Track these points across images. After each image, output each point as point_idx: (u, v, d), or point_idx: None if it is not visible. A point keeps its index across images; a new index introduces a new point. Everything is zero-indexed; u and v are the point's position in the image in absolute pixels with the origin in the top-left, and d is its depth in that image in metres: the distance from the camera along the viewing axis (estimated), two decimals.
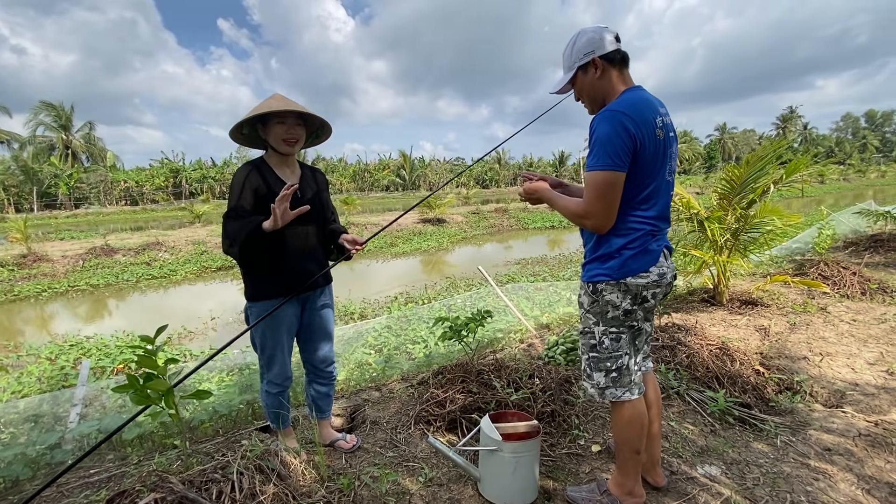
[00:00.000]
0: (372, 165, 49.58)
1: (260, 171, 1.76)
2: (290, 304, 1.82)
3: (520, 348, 3.33)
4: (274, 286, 1.77)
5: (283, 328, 1.83)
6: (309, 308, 1.92)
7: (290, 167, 1.87)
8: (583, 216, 1.42)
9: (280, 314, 1.80)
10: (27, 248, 10.77)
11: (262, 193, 1.73)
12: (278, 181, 1.78)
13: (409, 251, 12.83)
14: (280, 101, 1.74)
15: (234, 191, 1.71)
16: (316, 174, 1.98)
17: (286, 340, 1.86)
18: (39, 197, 32.17)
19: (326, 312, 1.98)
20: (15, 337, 6.15)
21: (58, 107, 37.17)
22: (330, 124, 1.90)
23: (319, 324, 1.95)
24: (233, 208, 1.70)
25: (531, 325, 3.75)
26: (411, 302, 6.83)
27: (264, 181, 1.75)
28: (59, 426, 2.29)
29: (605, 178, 1.35)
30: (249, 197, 1.71)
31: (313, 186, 1.92)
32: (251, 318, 1.82)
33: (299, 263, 1.81)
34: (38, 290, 8.76)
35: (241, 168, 1.76)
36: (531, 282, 7.54)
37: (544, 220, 18.43)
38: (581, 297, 1.55)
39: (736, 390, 2.58)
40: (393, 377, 2.95)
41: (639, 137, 1.34)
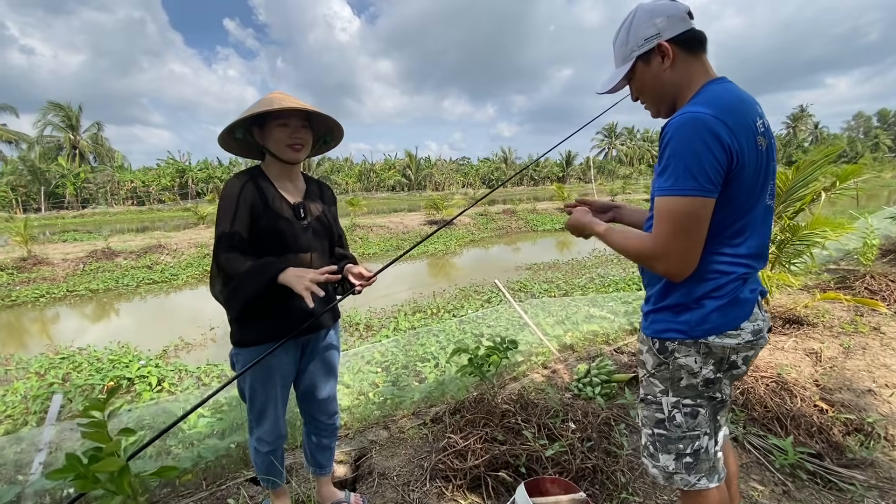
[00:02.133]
0: (378, 165, 49.34)
1: (256, 184, 1.43)
2: (285, 350, 1.49)
3: (542, 374, 2.99)
4: (267, 329, 1.43)
5: (277, 379, 1.50)
6: (310, 352, 1.59)
7: (293, 180, 1.53)
8: (652, 257, 1.04)
9: (273, 362, 1.48)
10: (27, 250, 10.57)
11: (258, 212, 1.40)
12: (278, 196, 1.46)
13: (416, 254, 12.50)
14: (282, 99, 1.40)
15: (226, 211, 1.37)
16: (323, 189, 1.65)
17: (280, 393, 1.53)
18: (47, 197, 32.21)
19: (331, 356, 1.65)
20: (7, 347, 5.90)
21: (66, 107, 37.28)
22: (341, 126, 1.55)
23: (322, 370, 1.62)
24: (226, 236, 1.36)
25: (554, 347, 3.40)
26: (419, 311, 6.50)
27: (261, 196, 1.42)
28: (21, 475, 1.98)
29: (688, 208, 0.98)
30: (245, 217, 1.38)
31: (319, 205, 1.58)
32: (237, 367, 1.50)
33: (299, 300, 1.48)
34: (36, 296, 8.53)
35: (232, 179, 1.41)
36: (545, 289, 7.19)
37: (553, 222, 18.03)
38: (643, 355, 1.19)
39: (801, 433, 2.23)
40: (403, 411, 2.62)
41: (735, 149, 0.97)
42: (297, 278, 1.29)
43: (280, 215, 1.44)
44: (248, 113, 1.37)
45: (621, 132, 68.20)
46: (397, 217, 19.27)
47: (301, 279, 1.28)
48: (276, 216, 1.43)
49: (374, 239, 14.72)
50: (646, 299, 1.21)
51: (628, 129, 69.05)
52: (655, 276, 1.15)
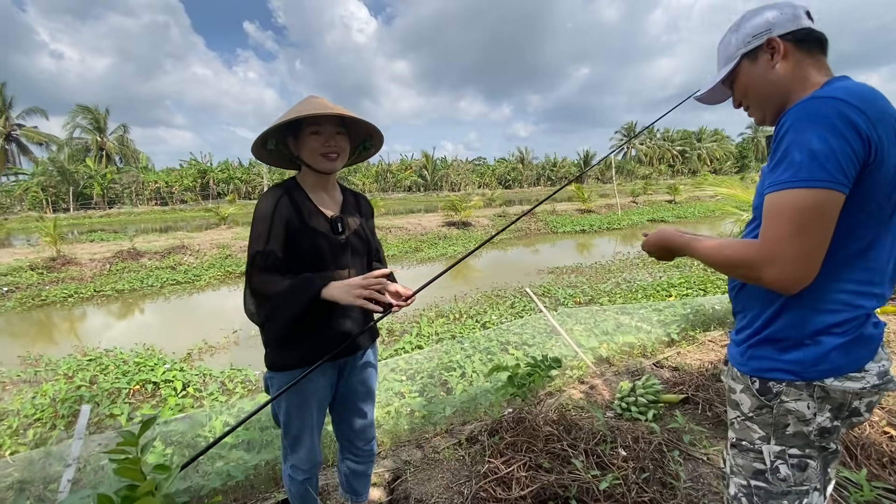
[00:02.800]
0: (394, 166, 49.47)
1: (291, 198, 1.33)
2: (322, 373, 1.39)
3: (580, 391, 2.84)
4: (303, 352, 1.34)
5: (313, 404, 1.41)
6: (347, 374, 1.49)
7: (330, 191, 1.44)
8: (760, 263, 0.84)
9: (309, 386, 1.38)
10: (56, 250, 10.82)
11: (294, 228, 1.30)
12: (315, 211, 1.36)
13: (435, 256, 12.41)
14: (315, 104, 1.29)
15: (261, 228, 1.28)
16: (360, 201, 1.55)
17: (316, 418, 1.43)
18: (75, 197, 33.20)
19: (369, 378, 1.55)
20: (37, 346, 5.99)
21: (93, 110, 38.39)
22: (380, 130, 1.43)
23: (359, 394, 1.52)
24: (260, 256, 1.27)
25: (589, 360, 3.25)
26: (441, 317, 6.39)
27: (297, 211, 1.32)
28: (49, 492, 1.93)
29: (812, 201, 0.79)
30: (281, 235, 1.29)
31: (357, 217, 1.48)
32: (272, 390, 1.40)
33: (336, 320, 1.39)
34: (65, 296, 8.70)
35: (267, 194, 1.32)
36: (569, 294, 7.00)
37: (573, 223, 17.73)
38: (736, 394, 1.01)
39: (872, 464, 2.04)
40: (435, 428, 2.51)
41: (874, 140, 0.79)
42: (344, 291, 1.20)
43: (318, 231, 1.34)
44: (279, 121, 1.27)
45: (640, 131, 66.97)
46: (415, 218, 19.22)
47: (350, 290, 1.20)
48: (313, 232, 1.33)
49: (393, 240, 14.68)
50: (738, 328, 1.05)
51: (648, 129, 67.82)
52: (755, 298, 0.98)
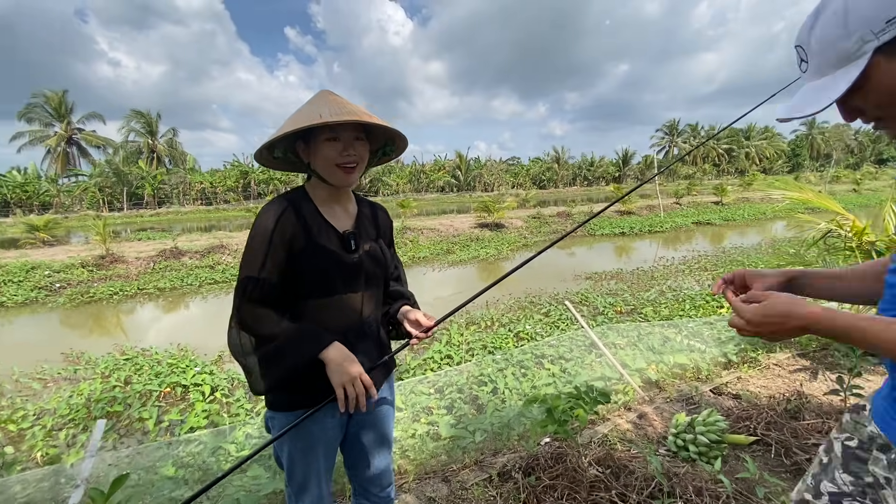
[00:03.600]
0: (427, 166, 49.58)
1: (298, 212, 1.13)
2: (330, 413, 1.19)
3: (627, 420, 2.53)
4: (308, 390, 1.14)
5: (319, 448, 1.21)
6: (359, 413, 1.28)
7: (344, 202, 1.24)
8: None
9: (314, 428, 1.18)
10: (105, 249, 11.35)
11: (297, 248, 1.11)
12: (325, 226, 1.16)
13: (467, 259, 12.18)
14: (332, 105, 1.09)
15: (257, 249, 1.08)
16: (377, 213, 1.34)
17: (324, 464, 1.23)
18: (128, 197, 35.18)
19: (385, 418, 1.33)
20: (81, 343, 6.20)
21: (146, 114, 40.58)
22: (404, 135, 1.21)
23: (374, 437, 1.31)
24: (253, 283, 1.08)
25: (637, 384, 2.92)
26: (472, 324, 6.15)
27: (304, 227, 1.12)
28: None
29: None
30: (281, 257, 1.09)
31: (372, 232, 1.28)
32: (273, 430, 1.22)
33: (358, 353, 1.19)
34: (111, 293, 9.07)
35: (268, 207, 1.11)
36: (609, 303, 6.59)
37: (612, 225, 17.03)
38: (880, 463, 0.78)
39: None
40: (464, 458, 2.28)
41: None
42: (339, 368, 1.06)
43: (326, 249, 1.14)
44: (287, 130, 1.05)
45: (683, 129, 64.16)
46: (447, 219, 19.05)
47: (343, 372, 1.06)
48: (321, 251, 1.13)
49: (425, 242, 14.56)
50: (893, 384, 0.77)
51: (692, 126, 64.82)
52: None
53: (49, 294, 9.23)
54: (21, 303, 8.72)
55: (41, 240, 14.62)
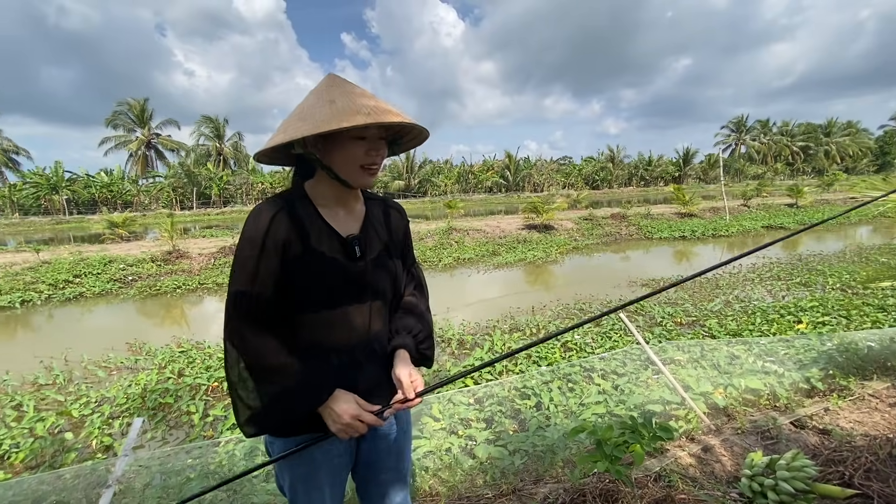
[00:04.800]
0: (476, 167, 49.36)
1: (294, 214, 0.99)
2: (334, 439, 1.06)
3: (691, 454, 2.23)
4: (308, 419, 1.01)
5: (323, 478, 1.08)
6: (370, 438, 1.14)
7: (349, 204, 1.09)
8: None
9: (318, 455, 1.06)
10: (172, 245, 12.16)
11: (293, 254, 0.97)
12: (326, 231, 1.02)
13: (513, 262, 11.86)
14: (355, 102, 0.94)
15: (247, 258, 0.95)
16: (389, 212, 1.18)
17: (329, 493, 1.10)
18: (197, 197, 37.89)
19: (399, 447, 1.18)
20: (144, 335, 6.60)
21: (214, 119, 43.52)
22: (426, 129, 1.06)
23: (388, 463, 1.17)
24: (244, 298, 0.95)
25: (702, 410, 2.58)
26: (516, 330, 5.90)
27: (300, 233, 0.98)
28: None
29: None
30: (275, 267, 0.95)
31: (383, 235, 1.12)
32: (273, 455, 1.10)
33: (352, 371, 1.05)
34: (175, 286, 9.67)
35: (259, 209, 0.98)
36: (668, 313, 6.09)
37: (671, 228, 15.98)
38: None
39: None
40: (501, 484, 2.08)
41: None
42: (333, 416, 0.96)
43: (326, 257, 1.00)
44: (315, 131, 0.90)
45: (753, 125, 59.47)
46: (494, 220, 18.75)
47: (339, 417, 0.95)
48: (320, 259, 0.99)
49: (470, 243, 14.39)
50: None
51: (762, 122, 59.98)
52: None
53: (122, 286, 10.01)
54: (98, 293, 9.51)
55: (119, 235, 15.98)
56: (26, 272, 10.33)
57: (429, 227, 16.15)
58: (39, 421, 3.61)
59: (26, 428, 3.53)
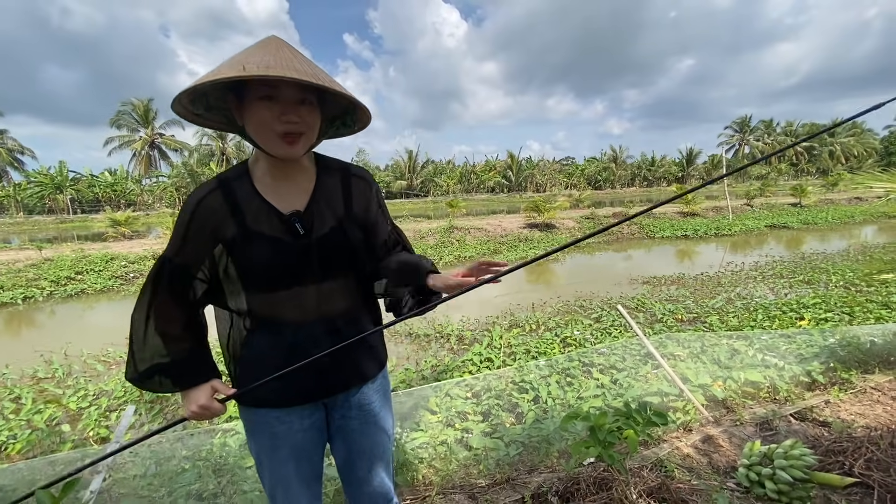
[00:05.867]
0: (478, 167, 49.35)
1: (228, 194, 0.95)
2: (296, 414, 1.05)
3: (688, 444, 2.20)
4: (268, 391, 0.99)
5: (286, 452, 1.06)
6: (339, 417, 1.12)
7: (292, 177, 1.00)
8: None
9: (280, 429, 1.05)
10: None
11: (228, 237, 0.94)
12: (264, 209, 0.96)
13: (514, 260, 11.83)
14: (267, 55, 0.85)
15: (175, 232, 0.97)
16: (350, 182, 1.08)
17: (295, 472, 1.08)
18: None
19: (373, 425, 1.14)
20: None
21: None
22: (364, 105, 0.96)
23: (360, 447, 1.14)
24: (169, 263, 0.97)
25: (700, 402, 2.55)
26: (516, 326, 5.87)
27: (234, 212, 0.94)
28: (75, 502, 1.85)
29: None
30: (200, 250, 0.96)
31: (339, 208, 1.04)
32: (242, 422, 1.10)
33: (309, 347, 1.01)
34: None
35: (196, 189, 0.97)
36: (669, 310, 6.05)
37: (674, 227, 15.92)
38: None
39: None
40: (495, 473, 2.06)
41: None
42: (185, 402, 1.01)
43: (264, 236, 0.95)
44: (210, 79, 0.81)
45: (756, 126, 59.19)
46: (495, 219, 18.72)
47: (188, 404, 0.99)
48: (257, 239, 0.95)
49: (471, 241, 14.36)
50: None
51: (765, 123, 59.70)
52: None
53: (123, 283, 10.03)
54: (99, 290, 9.54)
55: (122, 234, 16.03)
56: (29, 269, 10.37)
57: (430, 225, 16.13)
58: (37, 413, 3.61)
59: (24, 419, 3.53)
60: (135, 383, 1.01)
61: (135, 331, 0.98)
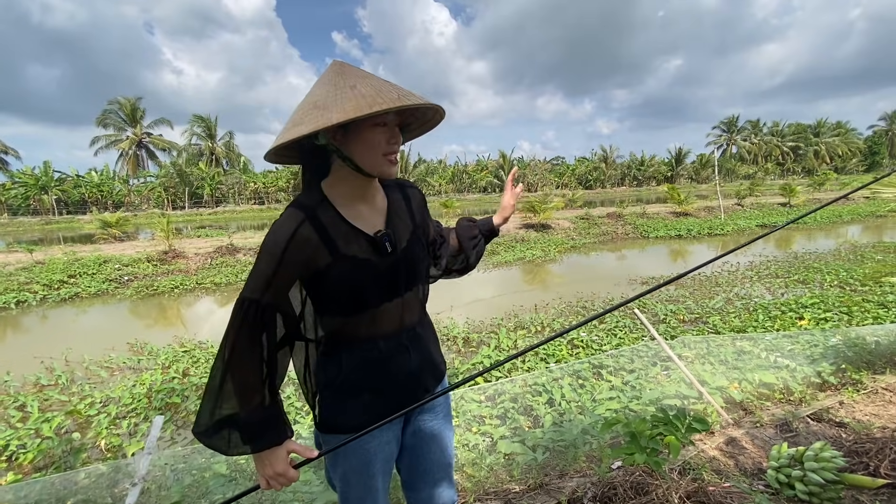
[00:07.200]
0: (470, 167, 49.42)
1: (317, 223, 0.93)
2: (387, 426, 1.05)
3: (714, 447, 2.24)
4: (361, 410, 1.01)
5: (377, 466, 1.07)
6: (414, 422, 1.15)
7: (370, 198, 1.03)
8: None
9: (372, 445, 1.05)
10: (168, 245, 12.03)
11: (322, 266, 0.94)
12: (352, 233, 0.97)
13: (512, 260, 11.89)
14: (376, 85, 0.89)
15: (262, 270, 0.91)
16: (408, 194, 1.14)
17: (381, 483, 1.10)
18: (189, 197, 37.52)
19: (441, 427, 1.17)
20: (145, 334, 6.52)
21: (206, 119, 43.08)
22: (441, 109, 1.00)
23: (433, 447, 1.16)
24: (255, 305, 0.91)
25: (719, 404, 2.60)
26: (521, 328, 5.91)
27: (326, 241, 0.94)
28: None
29: None
30: (291, 283, 0.95)
31: (408, 221, 1.09)
32: (324, 447, 1.09)
33: (399, 357, 1.04)
34: (172, 286, 9.56)
35: (282, 219, 0.93)
36: (671, 311, 6.13)
37: (668, 227, 16.11)
38: None
39: None
40: (526, 478, 2.08)
41: None
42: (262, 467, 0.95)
43: (357, 259, 0.97)
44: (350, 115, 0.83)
45: (744, 126, 60.12)
46: None
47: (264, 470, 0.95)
48: (351, 264, 0.96)
49: None
50: None
51: (752, 123, 60.65)
52: None
53: (118, 286, 9.88)
54: (94, 294, 9.38)
55: (113, 235, 15.77)
56: (20, 272, 10.16)
57: None
58: (45, 421, 3.55)
59: (32, 429, 3.47)
60: (200, 438, 0.94)
61: (211, 379, 0.93)
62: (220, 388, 0.91)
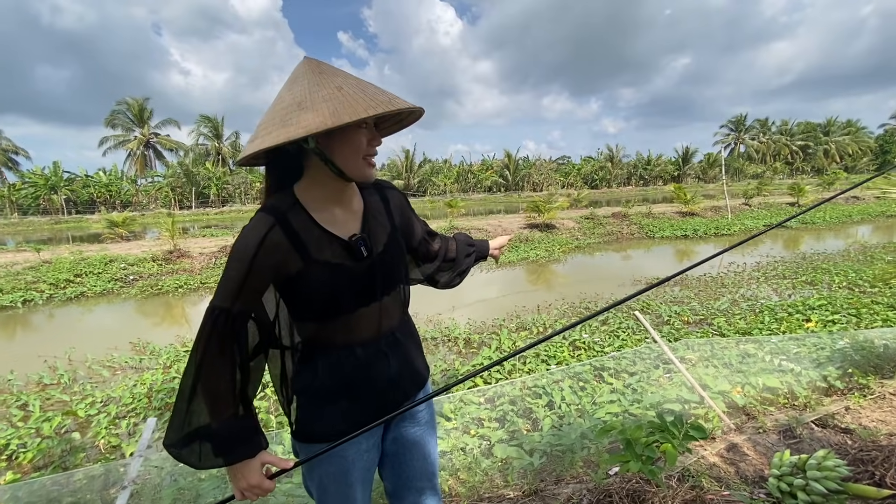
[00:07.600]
0: (475, 166, 49.33)
1: (288, 228, 0.90)
2: (366, 434, 1.03)
3: (714, 453, 2.19)
4: (339, 419, 0.99)
5: (355, 474, 1.05)
6: (395, 430, 1.12)
7: (345, 202, 1.00)
8: None
9: (350, 452, 1.03)
10: (173, 245, 12.10)
11: (293, 272, 0.91)
12: (325, 238, 0.94)
13: (516, 260, 11.83)
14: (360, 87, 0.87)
15: (232, 276, 0.88)
16: (387, 195, 1.11)
17: (360, 493, 1.07)
18: (196, 196, 37.78)
19: (424, 434, 1.15)
20: (148, 334, 6.55)
21: (213, 118, 43.37)
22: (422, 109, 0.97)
23: (415, 454, 1.14)
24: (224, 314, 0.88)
25: (721, 409, 2.55)
26: (523, 329, 5.87)
27: (297, 246, 0.91)
28: None
29: None
30: (260, 290, 0.92)
31: (386, 224, 1.06)
32: (301, 456, 1.07)
33: (377, 363, 1.02)
34: (176, 286, 9.61)
35: (251, 225, 0.90)
36: (675, 312, 6.06)
37: (673, 227, 15.97)
38: None
39: None
40: (521, 484, 2.05)
41: None
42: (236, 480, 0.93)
43: (330, 265, 0.94)
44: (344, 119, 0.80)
45: (752, 124, 59.48)
46: (495, 219, 18.72)
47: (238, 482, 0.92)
48: (323, 268, 0.93)
49: None
50: None
51: (761, 122, 59.99)
52: None
53: (123, 285, 9.95)
54: (99, 293, 9.46)
55: (119, 235, 15.90)
56: (27, 272, 10.27)
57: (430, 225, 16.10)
58: (46, 421, 3.56)
59: (33, 428, 3.48)
60: (171, 451, 0.91)
61: (181, 390, 0.89)
62: (190, 399, 0.88)
